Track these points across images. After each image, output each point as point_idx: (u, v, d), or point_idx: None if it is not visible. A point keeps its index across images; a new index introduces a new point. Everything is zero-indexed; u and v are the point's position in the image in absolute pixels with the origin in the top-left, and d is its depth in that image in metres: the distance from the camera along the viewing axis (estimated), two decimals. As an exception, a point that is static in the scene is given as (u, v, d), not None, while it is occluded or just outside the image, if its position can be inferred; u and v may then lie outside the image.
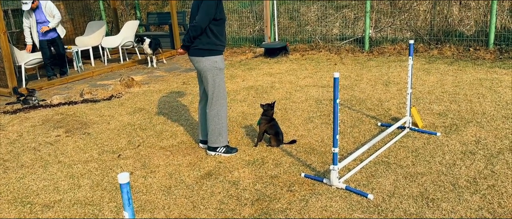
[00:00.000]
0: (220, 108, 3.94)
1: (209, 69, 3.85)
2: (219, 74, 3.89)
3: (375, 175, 3.46)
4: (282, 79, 6.93)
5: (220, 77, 3.90)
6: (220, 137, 3.99)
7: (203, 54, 3.82)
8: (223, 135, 4.00)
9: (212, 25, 3.77)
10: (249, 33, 10.74)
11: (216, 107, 3.94)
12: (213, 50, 3.83)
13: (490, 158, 3.63)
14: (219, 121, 3.95)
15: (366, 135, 4.36)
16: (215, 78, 3.87)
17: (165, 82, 7.45)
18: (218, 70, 3.87)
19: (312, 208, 3.04)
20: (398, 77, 6.48)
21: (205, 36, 3.78)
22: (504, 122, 4.41)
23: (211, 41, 3.80)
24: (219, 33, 3.84)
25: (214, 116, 3.95)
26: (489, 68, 6.68)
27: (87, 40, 9.41)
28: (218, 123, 3.96)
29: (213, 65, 3.84)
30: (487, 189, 3.14)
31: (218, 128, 3.96)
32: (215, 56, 3.85)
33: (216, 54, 3.85)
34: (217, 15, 3.75)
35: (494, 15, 7.56)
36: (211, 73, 3.86)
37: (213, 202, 3.22)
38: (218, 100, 3.92)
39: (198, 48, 3.82)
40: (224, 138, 4.02)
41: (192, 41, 3.80)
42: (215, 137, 3.99)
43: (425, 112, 4.89)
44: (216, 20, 3.77)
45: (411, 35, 8.73)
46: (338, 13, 9.81)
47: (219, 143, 4.01)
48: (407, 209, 2.95)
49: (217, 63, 3.86)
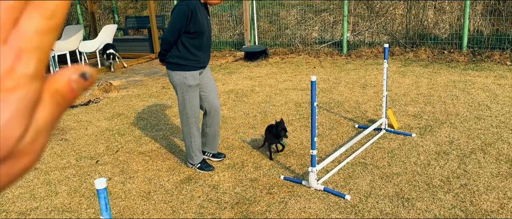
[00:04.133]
0: (192, 126, 3.71)
1: (178, 84, 3.60)
2: (189, 91, 3.60)
3: (353, 176, 3.53)
4: (262, 83, 6.97)
5: (190, 95, 3.62)
6: (194, 156, 3.80)
7: (172, 68, 3.59)
8: (196, 154, 3.80)
9: (184, 38, 3.49)
10: (229, 37, 10.77)
11: (187, 125, 3.72)
12: (183, 65, 3.54)
13: (463, 158, 3.74)
14: (191, 139, 3.75)
15: (344, 136, 4.44)
16: (185, 95, 3.61)
17: (144, 86, 7.41)
18: (188, 87, 3.58)
19: (291, 210, 3.08)
20: (375, 80, 6.61)
21: (175, 49, 3.53)
22: (476, 123, 4.55)
23: (181, 55, 3.53)
24: (194, 47, 3.53)
25: (187, 134, 3.75)
26: (462, 71, 6.87)
27: (64, 45, 9.27)
28: (191, 141, 3.76)
29: (182, 81, 3.57)
30: (460, 188, 3.24)
31: (191, 146, 3.77)
32: (184, 72, 3.55)
33: (186, 70, 3.55)
34: (190, 28, 3.45)
35: (467, 19, 7.79)
36: (180, 89, 3.61)
37: (193, 206, 3.23)
38: (188, 119, 3.69)
39: (168, 61, 3.60)
40: (198, 157, 3.82)
41: (165, 54, 3.59)
42: (190, 154, 3.81)
43: (400, 113, 5.00)
44: (190, 33, 3.48)
45: (388, 39, 8.91)
46: (317, 17, 9.94)
47: (193, 161, 3.83)
48: (383, 209, 3.02)
49: (187, 79, 3.56)
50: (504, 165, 3.56)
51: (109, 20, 13.08)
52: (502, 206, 2.97)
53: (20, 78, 0.25)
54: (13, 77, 0.25)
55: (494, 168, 3.52)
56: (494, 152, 3.81)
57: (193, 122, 3.72)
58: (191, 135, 3.75)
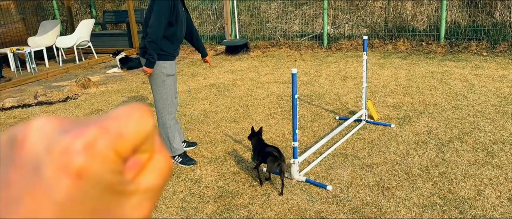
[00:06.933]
0: (167, 116, 3.68)
1: (156, 74, 3.54)
2: (167, 81, 3.59)
3: (334, 167, 3.56)
4: (244, 77, 6.96)
5: (168, 84, 3.60)
6: (172, 147, 3.74)
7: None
8: (173, 145, 3.75)
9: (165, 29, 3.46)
10: (209, 31, 10.70)
11: (162, 116, 3.67)
12: (161, 55, 3.49)
13: (441, 147, 3.82)
14: (166, 130, 3.71)
15: (325, 128, 4.47)
16: (163, 85, 3.58)
17: (123, 82, 7.31)
18: (166, 76, 3.57)
19: (274, 202, 3.09)
20: (355, 72, 6.67)
21: None
22: (454, 113, 4.64)
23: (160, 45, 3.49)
24: (173, 37, 3.52)
25: (161, 125, 3.69)
26: (440, 62, 7.00)
27: (40, 41, 9.05)
28: (166, 132, 3.72)
29: (160, 71, 3.54)
30: (438, 176, 3.30)
31: (166, 137, 3.72)
32: (163, 62, 3.52)
33: (165, 59, 3.53)
34: (173, 20, 3.44)
35: (444, 10, 7.92)
36: (158, 79, 3.57)
37: (175, 201, 3.21)
38: (164, 108, 3.65)
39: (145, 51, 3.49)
40: (177, 148, 3.78)
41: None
42: (167, 146, 3.72)
43: (380, 104, 5.07)
44: (171, 24, 3.46)
45: (367, 31, 8.99)
46: (298, 10, 9.95)
47: (173, 152, 3.76)
48: (363, 198, 3.06)
49: (165, 69, 3.55)
50: (480, 153, 3.65)
51: (86, 14, 12.82)
52: (479, 193, 3.05)
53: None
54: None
55: (471, 156, 3.60)
56: (471, 141, 3.89)
57: (170, 111, 3.70)
58: (167, 126, 3.71)
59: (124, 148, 0.25)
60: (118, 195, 0.25)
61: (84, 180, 0.23)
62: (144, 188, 0.27)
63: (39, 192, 0.23)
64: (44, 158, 0.24)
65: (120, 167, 0.25)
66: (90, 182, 0.24)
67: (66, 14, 11.17)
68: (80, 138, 0.24)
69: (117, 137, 0.25)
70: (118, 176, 0.25)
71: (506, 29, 7.66)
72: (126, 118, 0.26)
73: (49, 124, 0.25)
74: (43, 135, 0.25)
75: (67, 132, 0.24)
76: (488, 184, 3.15)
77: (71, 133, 0.24)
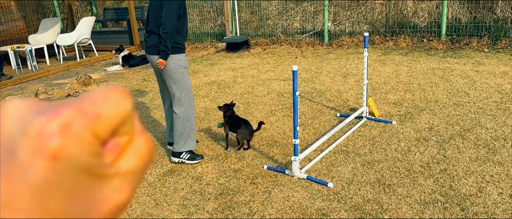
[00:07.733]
0: (190, 110, 3.69)
1: (175, 68, 3.57)
2: (185, 73, 3.64)
3: (335, 164, 3.56)
4: (244, 74, 6.95)
5: (187, 76, 3.65)
6: (189, 140, 3.73)
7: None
8: (192, 137, 3.75)
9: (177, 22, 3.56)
10: (210, 28, 10.68)
11: (188, 110, 3.67)
12: (177, 48, 3.56)
13: (442, 144, 3.81)
14: (189, 123, 3.71)
15: (326, 125, 4.47)
16: (182, 78, 3.62)
17: (124, 79, 7.30)
18: (184, 68, 3.62)
19: (275, 199, 3.09)
20: (356, 69, 6.66)
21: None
22: (455, 109, 4.63)
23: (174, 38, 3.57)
24: (183, 31, 3.62)
25: (185, 119, 3.67)
26: (441, 58, 6.98)
27: (41, 38, 9.05)
28: (188, 126, 3.70)
29: (178, 63, 3.57)
30: (439, 173, 3.30)
31: (188, 131, 3.71)
32: (179, 54, 3.59)
33: (180, 52, 3.60)
34: (183, 12, 3.56)
35: (446, 7, 7.89)
36: (177, 73, 3.59)
37: (176, 199, 3.21)
38: (187, 101, 3.66)
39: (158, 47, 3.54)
40: (193, 141, 3.78)
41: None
42: (184, 141, 3.71)
43: (381, 101, 5.06)
44: (181, 17, 3.58)
45: (368, 28, 8.97)
46: (299, 7, 9.93)
47: (186, 147, 3.74)
48: (365, 195, 3.06)
49: (182, 61, 3.60)
50: (482, 149, 3.64)
51: (87, 12, 12.80)
52: (480, 190, 3.04)
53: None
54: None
55: (472, 152, 3.60)
56: (473, 137, 3.89)
57: (192, 105, 3.72)
58: (193, 120, 3.73)
59: (102, 130, 0.24)
60: (97, 178, 0.24)
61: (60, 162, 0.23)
62: (124, 171, 0.26)
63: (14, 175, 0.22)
64: (18, 140, 0.23)
65: (98, 149, 0.24)
66: (66, 164, 0.23)
67: (67, 11, 11.16)
68: (56, 119, 0.23)
69: (95, 118, 0.24)
70: (96, 158, 0.24)
71: (508, 26, 7.64)
72: (104, 99, 0.25)
73: (23, 106, 0.25)
74: (17, 116, 0.24)
75: (42, 113, 0.24)
76: (490, 181, 3.14)
77: (46, 114, 0.23)
